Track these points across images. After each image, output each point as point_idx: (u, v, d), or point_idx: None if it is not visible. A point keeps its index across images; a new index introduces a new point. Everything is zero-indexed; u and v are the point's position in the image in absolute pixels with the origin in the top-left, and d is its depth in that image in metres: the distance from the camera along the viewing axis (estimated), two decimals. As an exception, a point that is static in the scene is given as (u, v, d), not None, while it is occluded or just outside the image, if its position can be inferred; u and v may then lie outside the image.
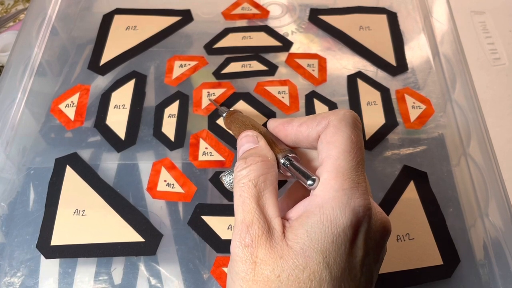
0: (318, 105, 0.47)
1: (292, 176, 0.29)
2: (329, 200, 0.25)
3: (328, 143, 0.27)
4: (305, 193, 0.31)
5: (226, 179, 0.31)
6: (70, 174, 0.42)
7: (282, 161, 0.28)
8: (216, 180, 0.42)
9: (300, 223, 0.25)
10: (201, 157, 0.43)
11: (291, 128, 0.30)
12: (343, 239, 0.24)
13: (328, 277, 0.23)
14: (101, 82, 0.49)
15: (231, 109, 0.38)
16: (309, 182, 0.26)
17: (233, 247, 0.25)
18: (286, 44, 0.52)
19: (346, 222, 0.24)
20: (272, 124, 0.31)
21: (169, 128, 0.45)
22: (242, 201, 0.26)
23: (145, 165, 0.43)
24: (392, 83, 0.49)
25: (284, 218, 0.27)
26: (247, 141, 0.30)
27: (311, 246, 0.24)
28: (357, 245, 0.25)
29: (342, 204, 0.24)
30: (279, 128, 0.30)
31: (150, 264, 0.38)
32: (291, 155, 0.29)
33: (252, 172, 0.27)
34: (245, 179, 0.27)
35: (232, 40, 0.52)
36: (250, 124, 0.34)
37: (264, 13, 0.55)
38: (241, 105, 0.47)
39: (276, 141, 0.30)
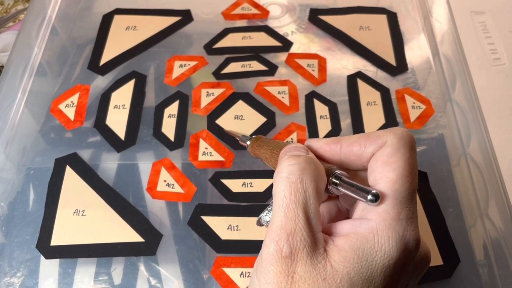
0: (318, 105, 0.47)
1: (338, 195, 0.26)
2: (385, 229, 0.23)
3: (385, 163, 0.24)
4: (339, 212, 0.29)
5: (266, 219, 0.28)
6: (70, 174, 0.42)
7: (331, 178, 0.26)
8: (216, 180, 0.42)
9: (350, 246, 0.23)
10: (201, 157, 0.43)
11: (339, 148, 0.27)
12: (391, 271, 0.23)
13: None
14: (101, 82, 0.49)
15: (253, 136, 0.36)
16: (370, 197, 0.23)
17: (266, 252, 0.23)
18: (286, 44, 0.52)
19: (398, 255, 0.23)
20: (315, 144, 0.28)
21: (169, 128, 0.45)
22: (287, 203, 0.23)
23: (145, 165, 0.43)
24: (392, 83, 0.49)
25: (324, 232, 0.24)
26: (296, 149, 0.27)
27: (359, 273, 0.22)
28: (402, 277, 0.24)
29: (398, 236, 0.23)
30: (324, 149, 0.27)
31: (150, 264, 0.38)
32: (339, 171, 0.26)
33: (306, 173, 0.24)
34: (295, 178, 0.24)
35: (232, 40, 0.52)
36: (285, 145, 0.31)
37: (264, 13, 0.55)
38: (240, 105, 0.47)
39: (320, 161, 0.28)
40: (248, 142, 0.36)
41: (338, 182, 0.26)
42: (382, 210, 0.23)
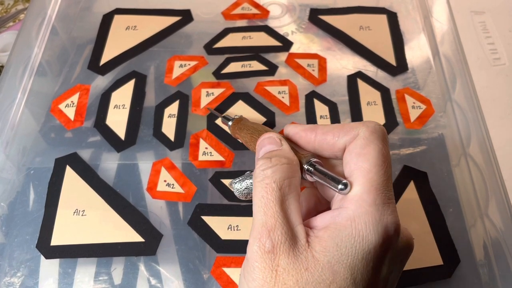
0: (318, 105, 0.47)
1: (314, 183, 0.27)
2: (362, 215, 0.24)
3: (358, 155, 0.25)
4: (318, 202, 0.30)
5: (236, 186, 0.30)
6: (70, 174, 0.42)
7: (305, 166, 0.27)
8: (216, 180, 0.42)
9: (329, 235, 0.23)
10: (201, 157, 0.43)
11: (314, 136, 0.28)
12: (372, 256, 0.23)
13: None
14: (101, 82, 0.49)
15: (236, 116, 0.37)
16: (340, 186, 0.24)
17: (251, 251, 0.24)
18: (286, 44, 0.52)
19: (378, 240, 0.23)
20: (292, 130, 0.30)
21: (169, 128, 0.45)
22: (265, 203, 0.25)
23: (145, 165, 0.43)
24: (392, 83, 0.49)
25: (306, 226, 0.25)
26: (270, 142, 0.28)
27: (339, 261, 0.23)
28: (384, 263, 0.24)
29: (375, 221, 0.23)
30: (300, 135, 0.29)
31: (150, 264, 0.38)
32: (314, 159, 0.27)
33: (278, 173, 0.25)
34: (269, 180, 0.25)
35: (232, 40, 0.52)
36: (264, 130, 0.32)
37: (264, 13, 0.55)
38: (240, 105, 0.47)
39: (296, 146, 0.29)
40: (230, 123, 0.37)
41: (312, 169, 0.27)
42: (358, 198, 0.24)
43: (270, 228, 0.24)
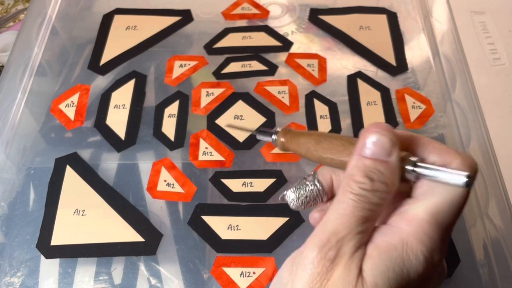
0: (318, 105, 0.47)
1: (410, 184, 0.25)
2: (415, 242, 0.23)
3: (443, 184, 0.24)
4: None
5: (293, 196, 0.28)
6: (70, 174, 0.42)
7: (409, 168, 0.24)
8: (216, 180, 0.42)
9: (378, 255, 0.23)
10: (201, 157, 0.43)
11: (416, 149, 0.25)
12: (416, 285, 0.23)
13: None
14: (101, 82, 0.49)
15: (277, 129, 0.30)
16: (463, 179, 0.22)
17: (311, 250, 0.23)
18: (286, 44, 0.52)
19: (424, 271, 0.23)
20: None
21: (169, 128, 0.45)
22: (347, 214, 0.23)
23: (145, 165, 0.43)
24: (392, 83, 0.49)
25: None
26: (382, 146, 0.24)
27: (385, 284, 0.22)
28: None
29: (428, 252, 0.23)
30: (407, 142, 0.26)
31: (150, 264, 0.38)
32: (415, 158, 0.24)
33: (375, 199, 0.23)
34: (364, 200, 0.23)
35: (232, 40, 0.52)
36: (327, 135, 0.28)
37: (264, 13, 0.55)
38: (240, 105, 0.47)
39: None
40: (274, 136, 0.30)
41: (418, 170, 0.24)
42: (417, 224, 0.23)
43: (339, 237, 0.23)
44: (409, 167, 0.24)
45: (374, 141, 0.24)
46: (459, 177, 0.22)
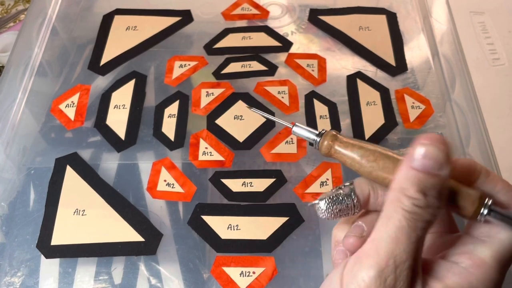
0: (318, 105, 0.47)
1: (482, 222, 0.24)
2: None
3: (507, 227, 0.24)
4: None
5: (324, 206, 0.26)
6: (70, 174, 0.42)
7: (484, 211, 0.23)
8: (216, 180, 0.42)
9: None
10: (201, 157, 0.43)
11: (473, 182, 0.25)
12: None
13: None
14: (101, 82, 0.49)
15: (323, 130, 0.28)
16: None
17: (367, 275, 0.22)
18: (285, 44, 0.52)
19: None
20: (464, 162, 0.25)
21: (169, 128, 0.45)
22: (403, 234, 0.22)
23: (145, 165, 0.43)
24: (392, 83, 0.49)
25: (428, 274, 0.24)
26: (434, 158, 0.22)
27: None
28: None
29: None
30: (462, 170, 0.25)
31: (150, 263, 0.38)
32: (490, 201, 0.23)
33: (429, 216, 0.22)
34: (419, 218, 0.22)
35: (232, 41, 0.52)
36: (384, 150, 0.26)
37: (264, 13, 0.55)
38: (240, 105, 0.47)
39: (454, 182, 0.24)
40: (318, 139, 0.27)
41: (493, 215, 0.23)
42: (486, 270, 0.23)
43: (398, 263, 0.22)
44: (484, 211, 0.23)
45: (426, 153, 0.22)
46: None
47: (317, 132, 0.28)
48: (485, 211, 0.23)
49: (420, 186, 0.22)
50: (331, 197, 0.26)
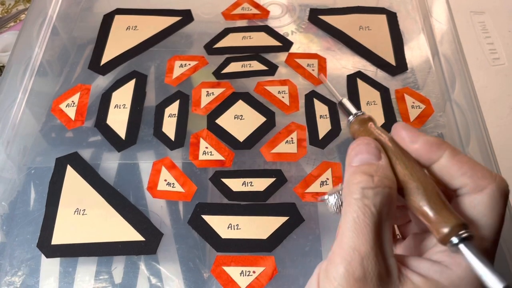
0: (318, 105, 0.47)
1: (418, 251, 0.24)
2: (467, 286, 0.22)
3: (480, 215, 0.23)
4: (424, 244, 0.27)
5: (331, 201, 0.26)
6: (70, 174, 0.42)
7: (455, 240, 0.22)
8: (216, 180, 0.42)
9: None
10: (202, 157, 0.43)
11: (437, 158, 0.25)
12: None
13: None
14: (101, 82, 0.49)
15: (360, 113, 0.29)
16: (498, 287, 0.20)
17: (336, 272, 0.22)
18: (286, 44, 0.52)
19: None
20: (410, 138, 0.25)
21: (169, 127, 0.45)
22: (360, 225, 0.22)
23: (145, 164, 0.43)
24: (392, 83, 0.49)
25: (402, 260, 0.24)
26: (368, 151, 0.25)
27: None
28: None
29: None
30: (420, 153, 0.25)
31: (151, 263, 0.38)
32: (468, 232, 0.22)
33: (379, 197, 0.23)
34: (368, 202, 0.23)
35: (232, 40, 0.52)
36: (394, 150, 0.25)
37: (264, 13, 0.55)
38: (240, 105, 0.47)
39: (440, 199, 0.23)
40: (352, 118, 0.28)
41: (462, 247, 0.22)
42: (466, 267, 0.22)
43: (363, 254, 0.22)
44: (454, 240, 0.22)
45: (363, 143, 0.25)
46: (496, 285, 0.21)
47: (353, 112, 0.29)
48: (455, 241, 0.22)
49: (364, 171, 0.23)
50: (340, 192, 0.26)
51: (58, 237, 0.39)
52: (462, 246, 0.22)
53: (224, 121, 0.46)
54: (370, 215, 0.22)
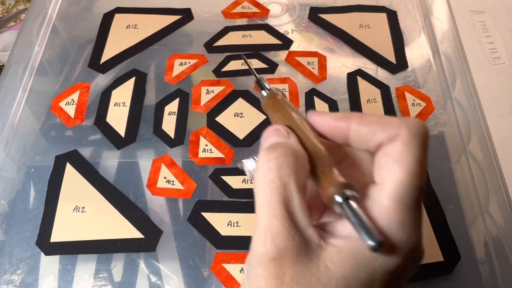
0: (318, 103, 0.47)
1: (341, 216, 0.23)
2: (389, 235, 0.21)
3: (394, 161, 0.22)
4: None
5: (248, 166, 0.26)
6: (70, 171, 0.42)
7: (338, 198, 0.22)
8: (216, 177, 0.42)
9: (349, 250, 0.21)
10: (201, 154, 0.43)
11: (345, 127, 0.24)
12: (391, 276, 0.21)
13: None
14: (101, 80, 0.49)
15: (273, 88, 0.29)
16: (371, 243, 0.20)
17: (254, 256, 0.22)
18: (286, 42, 0.52)
19: (400, 261, 0.21)
20: (319, 119, 0.25)
21: (169, 125, 0.45)
22: (268, 202, 0.22)
23: (145, 162, 0.43)
24: (392, 81, 0.49)
25: (322, 230, 0.23)
26: (276, 134, 0.25)
27: (356, 277, 0.21)
28: (400, 280, 0.22)
29: (401, 244, 0.21)
30: (329, 125, 0.25)
31: (150, 261, 0.38)
32: (350, 192, 0.22)
33: (283, 167, 0.22)
34: (273, 175, 0.22)
35: (232, 39, 0.52)
36: (298, 122, 0.26)
37: (264, 11, 0.55)
38: (240, 103, 0.47)
39: (332, 164, 0.24)
40: (265, 93, 0.29)
41: (346, 206, 0.22)
42: (385, 215, 0.22)
43: (275, 232, 0.21)
44: (338, 199, 0.22)
45: (272, 129, 0.25)
46: (369, 241, 0.20)
47: (267, 88, 0.29)
48: (340, 199, 0.22)
49: (271, 149, 0.23)
50: (254, 158, 0.26)
51: (57, 235, 0.39)
52: (344, 205, 0.22)
53: (224, 119, 0.45)
54: (276, 189, 0.22)
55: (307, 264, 0.21)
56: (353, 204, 0.22)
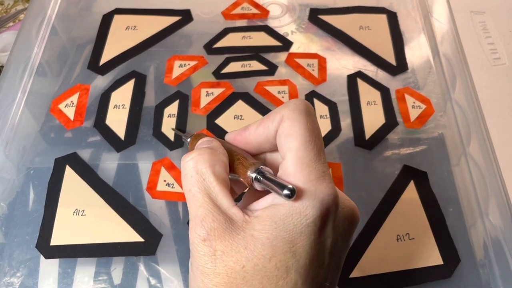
0: (318, 105, 0.47)
1: (267, 190, 0.27)
2: (297, 193, 0.24)
3: (286, 137, 0.26)
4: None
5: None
6: (69, 174, 0.42)
7: (253, 175, 0.26)
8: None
9: (268, 215, 0.24)
10: (201, 157, 0.43)
11: (248, 134, 0.29)
12: (312, 229, 0.24)
13: (296, 265, 0.24)
14: (100, 82, 0.49)
15: (195, 133, 0.35)
16: (286, 192, 0.24)
17: (191, 244, 0.25)
18: (286, 44, 0.52)
19: (315, 213, 0.24)
20: (230, 137, 0.30)
21: (169, 128, 0.45)
22: (192, 195, 0.26)
23: (144, 165, 0.43)
24: (392, 83, 0.49)
25: (247, 209, 0.26)
26: (203, 143, 0.30)
27: (278, 236, 0.24)
28: (326, 233, 0.25)
29: (311, 196, 0.24)
30: (238, 139, 0.29)
31: (150, 264, 0.38)
32: (262, 167, 0.27)
33: (199, 163, 0.26)
34: (192, 171, 0.26)
35: (232, 40, 0.52)
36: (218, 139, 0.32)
37: (264, 13, 0.55)
38: (240, 105, 0.47)
39: (246, 156, 0.28)
40: (189, 140, 0.34)
41: (258, 177, 0.26)
42: (292, 177, 0.25)
43: (201, 217, 0.25)
44: (253, 174, 0.26)
45: (200, 142, 0.30)
46: (284, 191, 0.24)
47: (191, 133, 0.35)
48: (254, 175, 0.26)
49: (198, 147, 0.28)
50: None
51: (57, 238, 0.39)
52: (259, 176, 0.26)
53: (224, 121, 0.45)
54: (196, 182, 0.26)
55: (234, 238, 0.24)
56: (266, 173, 0.26)
